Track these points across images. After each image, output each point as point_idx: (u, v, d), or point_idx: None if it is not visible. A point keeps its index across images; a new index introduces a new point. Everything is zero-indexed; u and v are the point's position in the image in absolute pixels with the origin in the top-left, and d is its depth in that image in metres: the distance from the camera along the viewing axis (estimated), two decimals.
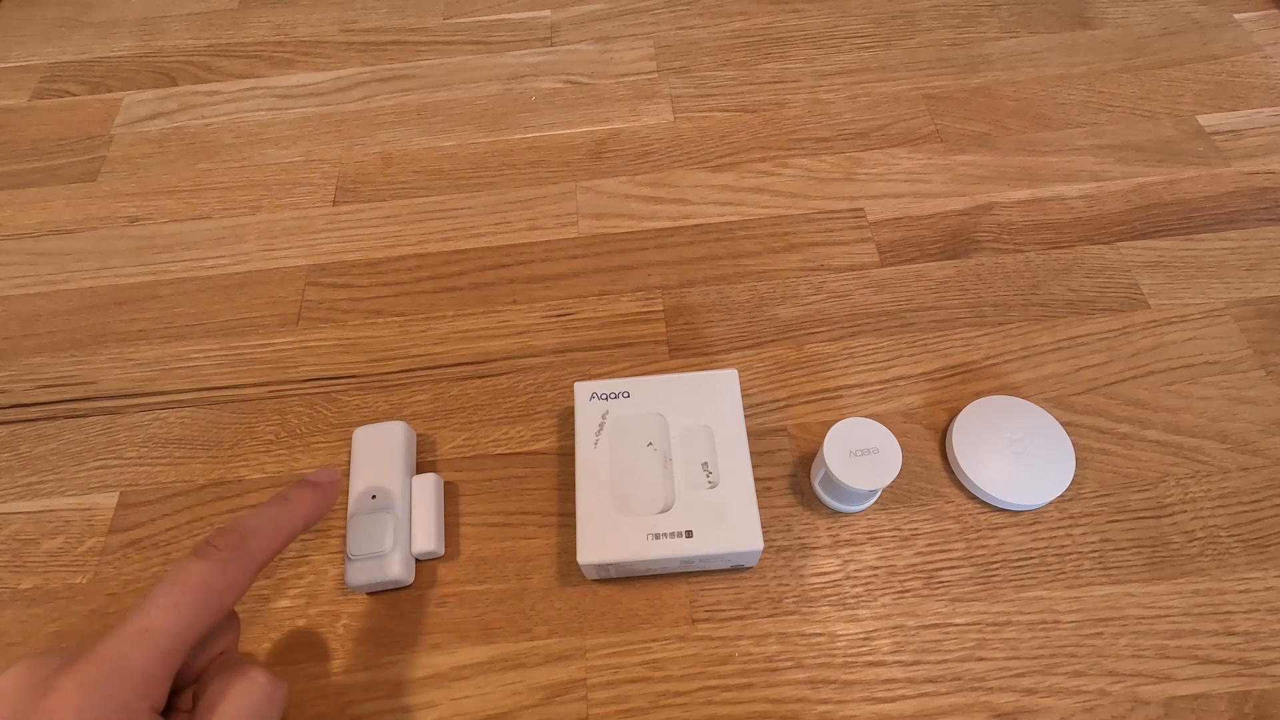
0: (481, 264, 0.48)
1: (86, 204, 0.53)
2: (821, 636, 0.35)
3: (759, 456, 0.40)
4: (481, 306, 0.46)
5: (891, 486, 0.39)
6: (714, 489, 0.35)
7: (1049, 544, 0.37)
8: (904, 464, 0.39)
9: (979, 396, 0.41)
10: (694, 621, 0.36)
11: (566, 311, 0.46)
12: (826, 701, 0.34)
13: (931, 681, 0.34)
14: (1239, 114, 0.53)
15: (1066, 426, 0.40)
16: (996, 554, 0.37)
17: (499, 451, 0.41)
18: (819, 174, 0.51)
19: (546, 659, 0.35)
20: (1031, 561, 0.37)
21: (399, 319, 0.46)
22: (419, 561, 0.38)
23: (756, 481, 0.37)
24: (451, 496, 0.40)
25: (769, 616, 0.36)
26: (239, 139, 0.56)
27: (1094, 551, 0.37)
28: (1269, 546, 0.36)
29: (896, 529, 0.38)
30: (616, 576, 0.37)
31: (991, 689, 0.33)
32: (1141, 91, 0.54)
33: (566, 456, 0.41)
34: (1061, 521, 0.38)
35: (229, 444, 0.42)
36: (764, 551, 0.37)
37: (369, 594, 0.37)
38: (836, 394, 0.42)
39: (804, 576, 0.37)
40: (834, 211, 0.49)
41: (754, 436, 0.41)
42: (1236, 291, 0.44)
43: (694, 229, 0.49)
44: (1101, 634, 0.35)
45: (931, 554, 0.37)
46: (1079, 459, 0.39)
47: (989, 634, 0.35)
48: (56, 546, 0.39)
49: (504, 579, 0.37)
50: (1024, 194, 0.49)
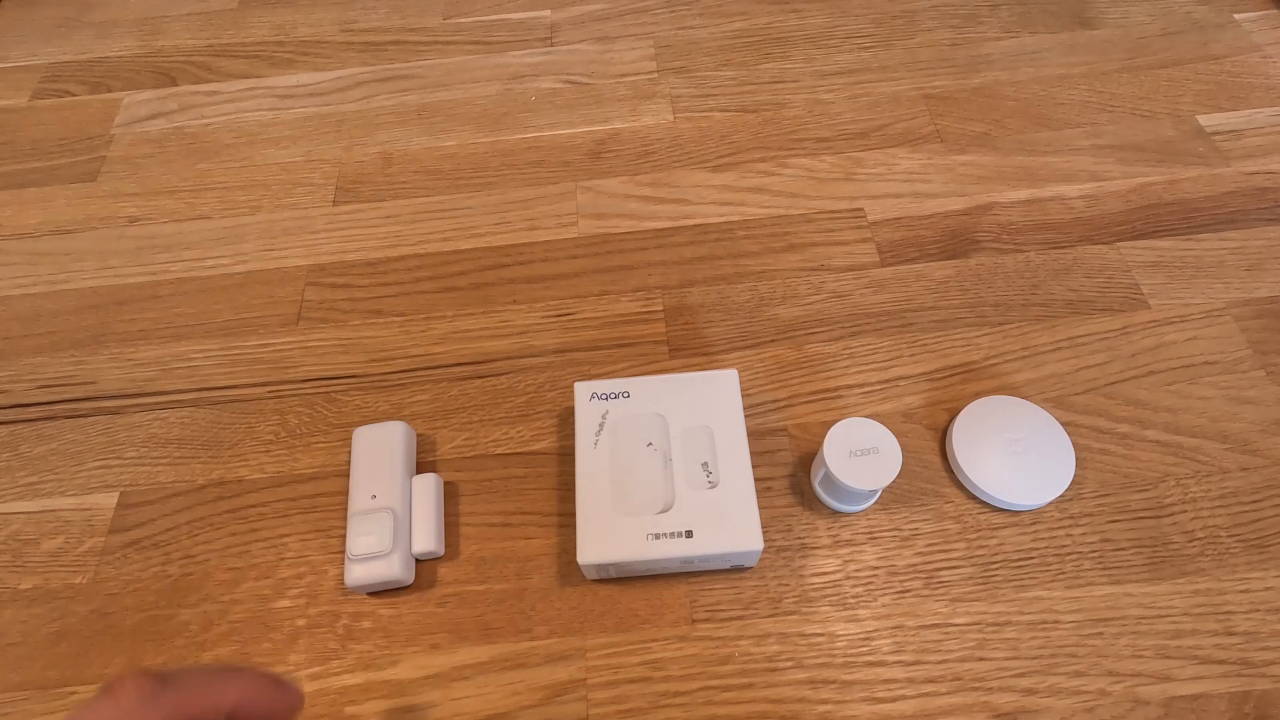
0: (481, 264, 0.48)
1: (86, 204, 0.53)
2: (821, 636, 0.35)
3: (759, 456, 0.40)
4: (481, 306, 0.46)
5: (891, 486, 0.39)
6: (714, 489, 0.35)
7: (1049, 544, 0.37)
8: (904, 464, 0.39)
9: (979, 396, 0.41)
10: (694, 621, 0.36)
11: (566, 311, 0.46)
12: (826, 701, 0.34)
13: (932, 681, 0.34)
14: (1239, 114, 0.53)
15: (1066, 426, 0.40)
16: (996, 554, 0.37)
17: (499, 451, 0.41)
18: (819, 174, 0.51)
19: (546, 659, 0.35)
20: (1031, 561, 0.37)
21: (399, 319, 0.46)
22: (419, 561, 0.38)
23: (756, 481, 0.37)
24: (451, 496, 0.40)
25: (769, 616, 0.36)
26: (239, 139, 0.56)
27: (1094, 551, 0.37)
28: (1269, 546, 0.36)
29: (896, 529, 0.38)
30: (616, 576, 0.37)
31: (991, 689, 0.33)
32: (1141, 91, 0.54)
33: (566, 456, 0.41)
34: (1061, 521, 0.38)
35: (229, 444, 0.42)
36: (764, 551, 0.37)
37: (369, 594, 0.37)
38: (836, 394, 0.42)
39: (804, 576, 0.37)
40: (834, 211, 0.49)
41: (754, 436, 0.41)
42: (1236, 291, 0.44)
43: (694, 229, 0.49)
44: (1101, 634, 0.35)
45: (931, 554, 0.37)
46: (1079, 459, 0.39)
47: (989, 634, 0.35)
48: (56, 546, 0.39)
49: (504, 579, 0.37)
50: (1024, 194, 0.49)
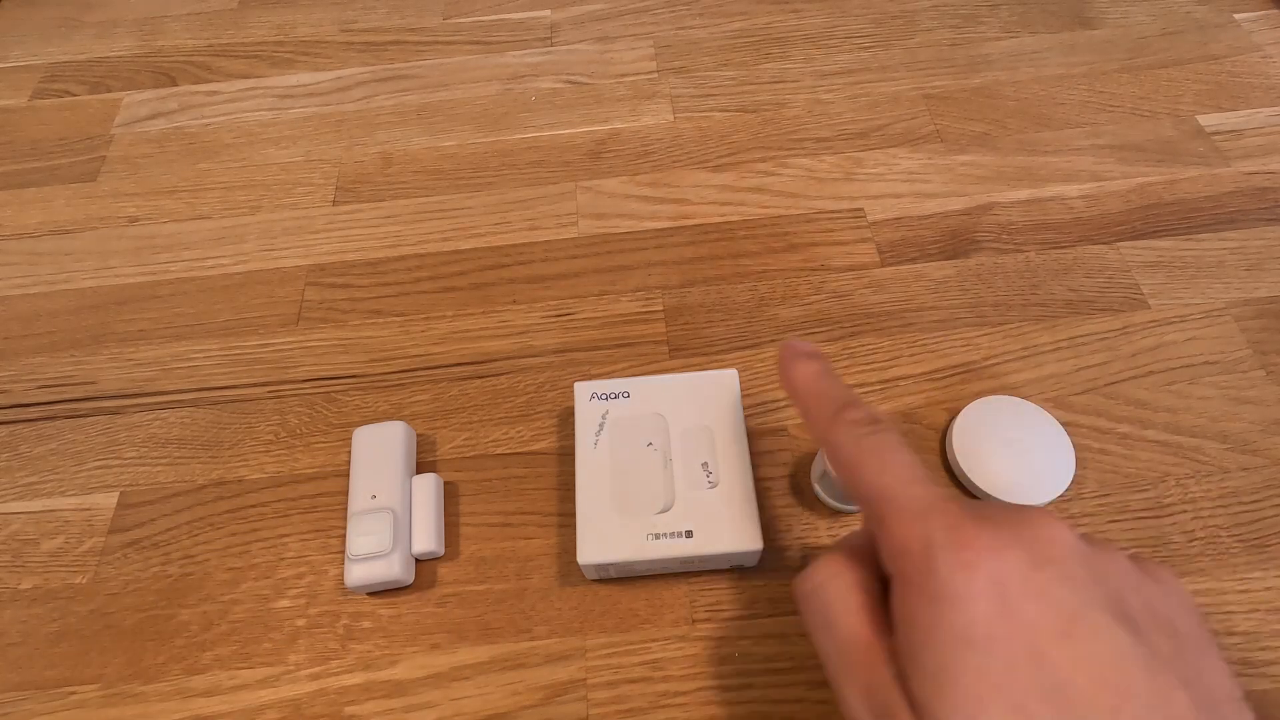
0: (481, 264, 0.48)
1: (86, 204, 0.53)
2: None
3: (759, 456, 0.40)
4: (481, 306, 0.46)
5: None
6: (714, 489, 0.35)
7: None
8: None
9: (979, 396, 0.41)
10: (694, 621, 0.36)
11: (566, 311, 0.46)
12: (826, 701, 0.34)
13: None
14: (1239, 114, 0.53)
15: (1066, 426, 0.40)
16: None
17: (499, 451, 0.41)
18: (819, 174, 0.51)
19: (546, 659, 0.35)
20: None
21: (399, 319, 0.46)
22: (419, 561, 0.38)
23: (756, 481, 0.37)
24: (451, 496, 0.40)
25: (769, 616, 0.36)
26: (239, 139, 0.56)
27: None
28: (1269, 546, 0.36)
29: None
30: (616, 576, 0.37)
31: None
32: (1141, 91, 0.54)
33: (566, 456, 0.41)
34: None
35: (229, 444, 0.42)
36: (764, 551, 0.37)
37: (369, 594, 0.37)
38: None
39: None
40: (834, 211, 0.49)
41: (754, 436, 0.41)
42: (1236, 291, 0.44)
43: (694, 229, 0.49)
44: None
45: None
46: (1079, 459, 0.39)
47: None
48: (56, 546, 0.39)
49: (504, 579, 0.37)
50: (1024, 194, 0.49)
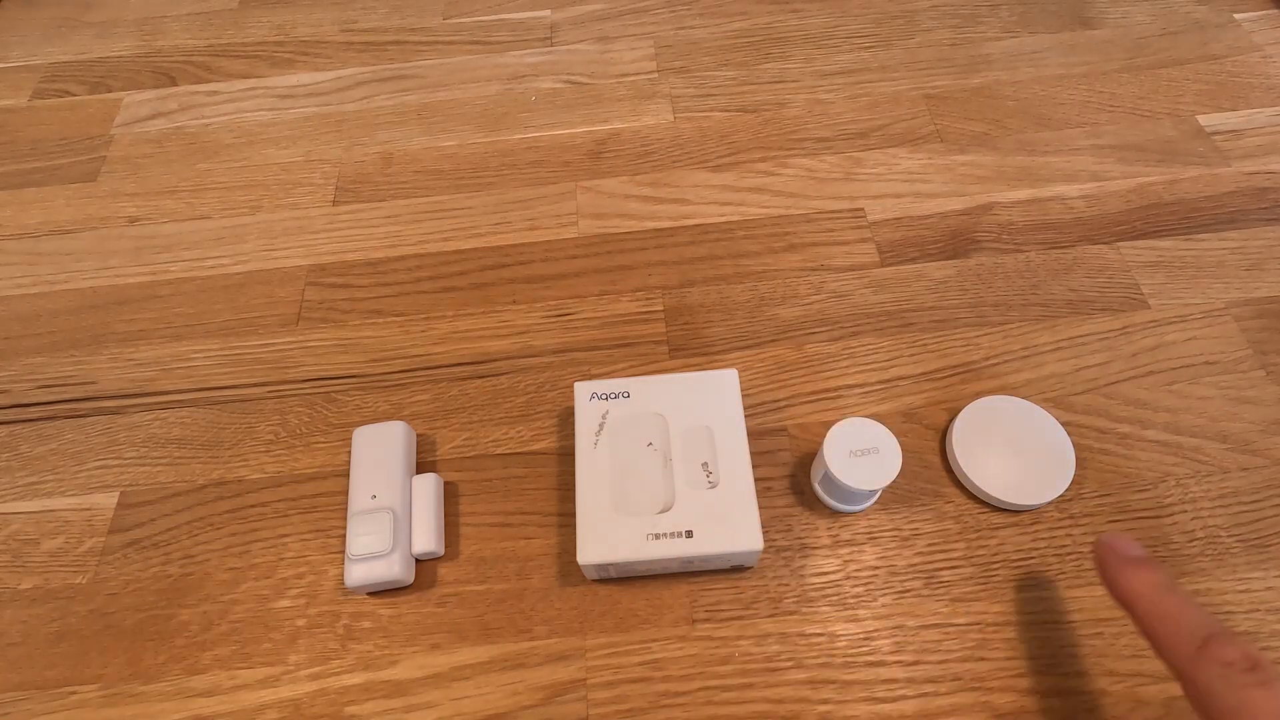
0: (481, 264, 0.48)
1: (86, 204, 0.53)
2: (822, 636, 0.35)
3: (759, 456, 0.40)
4: (481, 306, 0.46)
5: (891, 486, 0.39)
6: (714, 489, 0.35)
7: (1049, 544, 0.37)
8: (904, 464, 0.39)
9: (979, 396, 0.41)
10: (694, 621, 0.36)
11: (566, 311, 0.46)
12: (827, 701, 0.34)
13: (932, 681, 0.34)
14: (1239, 114, 0.53)
15: (1066, 426, 0.40)
16: (996, 554, 0.37)
17: (499, 451, 0.41)
18: (819, 174, 0.51)
19: (546, 659, 0.35)
20: (1031, 561, 0.37)
21: (399, 319, 0.46)
22: (419, 561, 0.38)
23: (756, 481, 0.37)
24: (451, 496, 0.40)
25: (769, 616, 0.36)
26: (239, 139, 0.56)
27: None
28: (1269, 546, 0.36)
29: (896, 529, 0.38)
30: (616, 576, 0.37)
31: (991, 689, 0.33)
32: (1141, 91, 0.54)
33: (566, 456, 0.41)
34: (1061, 521, 0.38)
35: (229, 444, 0.42)
36: (764, 551, 0.37)
37: (369, 594, 0.37)
38: (836, 394, 0.42)
39: (804, 576, 0.37)
40: (834, 211, 0.49)
41: (754, 436, 0.41)
42: (1236, 291, 0.44)
43: (694, 229, 0.49)
44: (1101, 634, 0.35)
45: (932, 554, 0.37)
46: (1079, 459, 0.39)
47: (989, 634, 0.35)
48: (56, 546, 0.39)
49: (504, 579, 0.37)
50: (1024, 194, 0.49)
